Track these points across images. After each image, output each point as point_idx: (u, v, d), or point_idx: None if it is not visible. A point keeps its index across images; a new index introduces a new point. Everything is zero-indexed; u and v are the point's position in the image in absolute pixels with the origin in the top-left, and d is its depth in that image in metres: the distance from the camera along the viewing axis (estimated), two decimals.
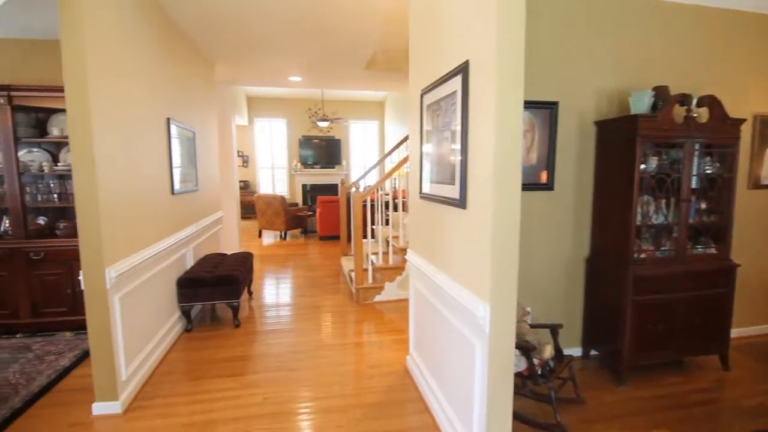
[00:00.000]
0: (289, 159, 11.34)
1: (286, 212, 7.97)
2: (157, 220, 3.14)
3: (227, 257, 4.35)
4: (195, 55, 4.40)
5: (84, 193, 2.28)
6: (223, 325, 3.76)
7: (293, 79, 6.12)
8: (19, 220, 3.48)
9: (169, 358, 3.11)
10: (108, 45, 2.43)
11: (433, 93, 2.23)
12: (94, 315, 2.37)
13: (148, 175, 3.02)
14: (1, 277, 3.47)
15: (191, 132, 4.15)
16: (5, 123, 3.37)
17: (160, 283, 3.19)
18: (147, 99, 3.02)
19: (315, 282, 5.18)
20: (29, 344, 3.31)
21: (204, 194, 4.61)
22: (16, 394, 2.59)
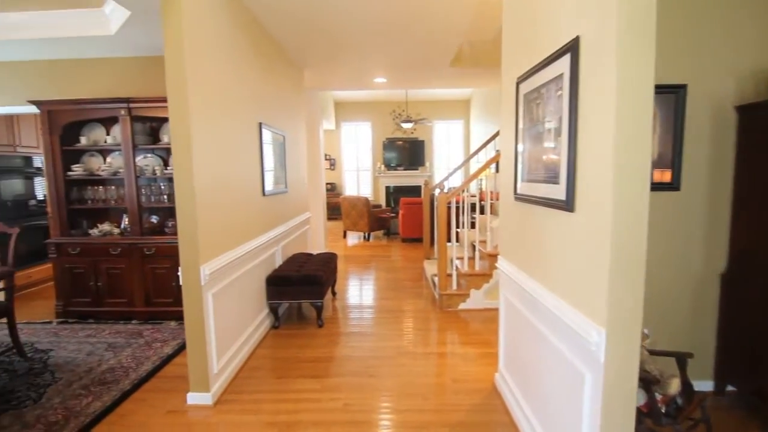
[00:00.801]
0: (373, 161, 11.48)
1: (369, 214, 8.03)
2: (248, 220, 3.27)
3: (313, 257, 4.43)
4: (286, 63, 4.57)
5: (183, 195, 2.41)
6: (308, 324, 3.82)
7: (378, 80, 6.12)
8: (136, 218, 3.88)
9: (257, 354, 3.22)
10: (205, 57, 2.56)
11: (532, 80, 1.97)
12: (190, 310, 2.50)
13: (241, 177, 3.15)
14: (121, 269, 3.90)
15: (281, 136, 4.31)
16: (126, 132, 3.78)
17: (250, 281, 3.32)
18: (241, 105, 3.15)
19: (397, 285, 5.08)
20: (141, 331, 3.67)
21: (293, 196, 4.76)
22: (127, 377, 2.85)
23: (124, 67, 4.07)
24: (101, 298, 3.93)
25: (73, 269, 3.92)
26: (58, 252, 3.90)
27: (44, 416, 2.38)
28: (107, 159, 4.14)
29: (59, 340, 3.50)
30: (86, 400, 2.56)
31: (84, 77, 4.10)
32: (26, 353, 3.20)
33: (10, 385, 2.74)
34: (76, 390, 2.67)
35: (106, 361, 3.08)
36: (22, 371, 2.94)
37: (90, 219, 4.18)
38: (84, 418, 2.36)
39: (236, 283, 3.01)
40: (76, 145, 3.96)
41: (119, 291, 3.92)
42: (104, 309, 3.94)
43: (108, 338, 3.52)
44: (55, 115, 3.82)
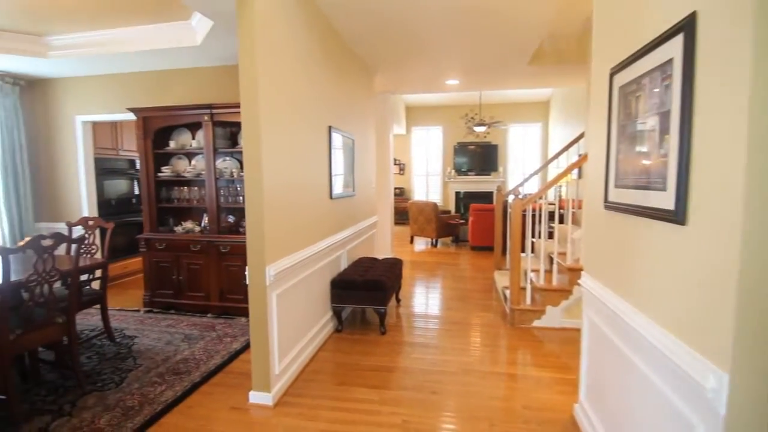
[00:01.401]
0: (444, 166, 11.24)
1: (437, 219, 7.83)
2: (315, 222, 3.28)
3: (378, 262, 4.36)
4: (357, 67, 4.58)
5: (252, 197, 2.45)
6: (371, 330, 3.74)
7: (451, 82, 5.93)
8: (214, 217, 4.10)
9: (319, 357, 3.20)
10: (277, 62, 2.59)
11: (630, 70, 1.69)
12: (254, 309, 2.53)
13: (310, 180, 3.16)
14: (200, 265, 4.13)
15: (351, 140, 4.31)
16: (208, 136, 4.02)
17: (315, 282, 3.32)
18: (311, 108, 3.17)
19: (464, 295, 4.83)
20: (214, 324, 3.84)
21: (360, 199, 4.75)
22: (197, 369, 2.97)
23: (208, 75, 4.34)
24: (182, 291, 4.21)
25: (159, 263, 4.24)
26: (147, 246, 4.25)
27: (123, 400, 2.54)
28: (192, 161, 4.45)
29: (144, 328, 3.78)
30: (160, 388, 2.70)
31: (173, 86, 4.45)
32: (115, 338, 3.49)
33: (98, 367, 2.99)
34: (153, 377, 2.84)
35: (181, 352, 3.25)
36: (110, 355, 3.21)
37: (175, 217, 4.52)
38: (156, 406, 2.48)
39: (301, 285, 3.01)
40: (166, 149, 4.30)
41: (197, 285, 4.16)
42: (184, 301, 4.20)
43: (185, 329, 3.73)
44: (149, 121, 4.18)
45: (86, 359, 3.12)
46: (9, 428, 2.25)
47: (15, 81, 4.53)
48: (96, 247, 3.51)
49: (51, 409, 2.44)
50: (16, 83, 4.54)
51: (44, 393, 2.63)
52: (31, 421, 2.32)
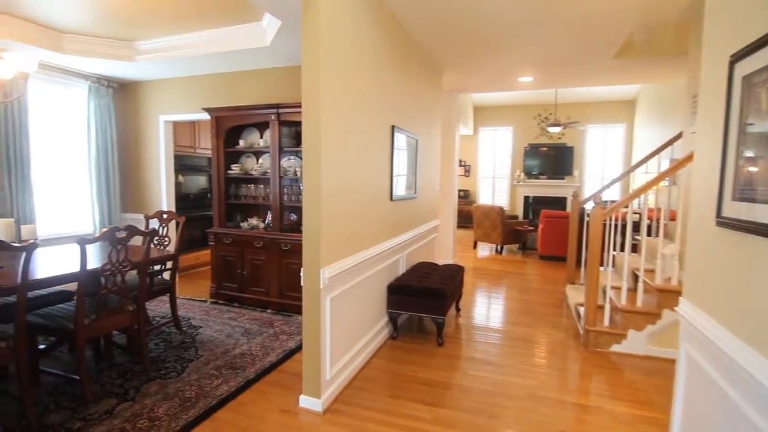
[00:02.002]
0: (512, 169, 10.69)
1: (503, 225, 7.42)
2: (374, 225, 3.17)
3: (438, 268, 4.17)
4: (424, 65, 4.41)
5: (310, 197, 2.40)
6: (428, 340, 3.56)
7: (524, 80, 5.55)
8: (277, 215, 4.16)
9: (372, 364, 3.09)
10: (342, 61, 2.51)
11: (762, 54, 1.35)
12: (308, 312, 2.47)
13: (370, 180, 3.06)
14: (262, 261, 4.22)
15: (414, 140, 4.15)
16: (274, 135, 4.08)
17: (371, 287, 3.21)
18: (374, 107, 3.07)
19: (531, 309, 4.47)
20: (273, 321, 3.89)
21: (422, 202, 4.58)
22: (252, 365, 2.99)
23: (277, 76, 4.43)
24: (245, 285, 4.33)
25: (226, 257, 4.40)
26: (215, 240, 4.43)
27: (182, 390, 2.62)
28: (259, 160, 4.56)
29: (208, 318, 3.93)
30: (216, 381, 2.74)
31: (245, 87, 4.60)
32: (182, 327, 3.65)
33: (164, 354, 3.13)
34: (211, 370, 2.90)
35: (240, 346, 3.31)
36: (176, 343, 3.35)
37: (242, 213, 4.67)
38: (211, 400, 2.51)
39: (357, 289, 2.92)
40: (236, 147, 4.45)
41: (259, 281, 4.26)
42: (246, 295, 4.32)
43: (245, 323, 3.82)
44: (221, 120, 4.35)
45: (154, 345, 3.29)
46: (81, 407, 2.40)
47: (109, 83, 4.96)
48: (168, 240, 3.71)
49: (118, 393, 2.57)
50: (110, 86, 4.97)
51: (114, 375, 2.79)
52: (99, 402, 2.46)
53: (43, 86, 4.43)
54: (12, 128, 4.04)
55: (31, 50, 3.88)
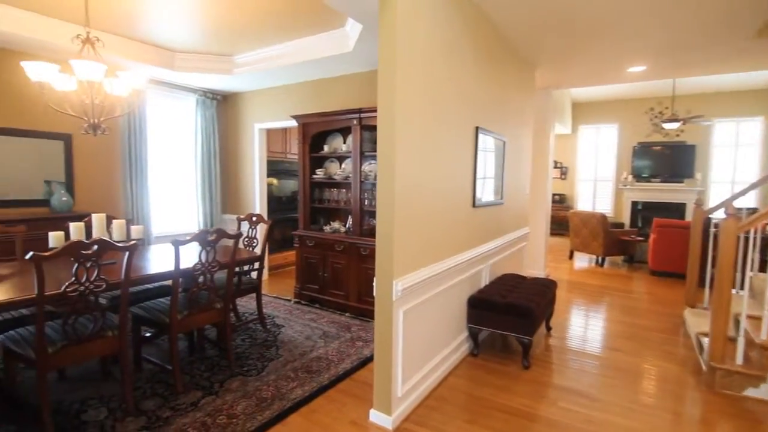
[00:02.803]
0: (618, 170, 9.58)
1: (606, 234, 6.64)
2: (453, 233, 2.98)
3: (525, 282, 3.81)
4: (514, 60, 4.08)
5: (383, 204, 2.30)
6: (512, 360, 3.25)
7: (634, 70, 4.87)
8: (358, 219, 4.16)
9: (448, 382, 2.89)
10: (419, 61, 2.37)
11: None
12: (380, 325, 2.37)
13: (449, 186, 2.88)
14: (342, 265, 4.25)
15: (501, 141, 3.86)
16: (356, 140, 4.09)
17: (449, 299, 3.02)
18: (456, 108, 2.88)
19: (638, 334, 3.87)
20: (350, 325, 3.89)
21: (509, 208, 4.24)
22: (327, 370, 2.98)
23: (360, 81, 4.44)
24: (326, 288, 4.41)
25: (309, 258, 4.52)
26: (300, 242, 4.58)
27: (260, 389, 2.69)
28: (342, 165, 4.62)
29: (291, 318, 4.06)
30: (292, 384, 2.78)
31: (329, 93, 4.69)
32: (266, 325, 3.82)
33: (248, 351, 3.27)
34: (288, 371, 2.95)
35: (317, 349, 3.34)
36: (260, 341, 3.50)
37: (325, 216, 4.77)
38: (285, 403, 2.54)
39: (433, 301, 2.75)
40: (320, 152, 4.56)
41: (339, 284, 4.30)
42: (327, 297, 4.40)
43: (324, 326, 3.86)
44: (307, 126, 4.49)
45: (241, 341, 3.46)
46: (172, 396, 2.58)
47: (213, 96, 5.44)
48: (256, 241, 3.90)
49: (204, 386, 2.72)
50: (214, 98, 5.45)
51: (203, 368, 2.98)
52: (188, 393, 2.63)
53: (158, 99, 4.99)
54: (134, 138, 4.62)
55: (148, 69, 4.38)
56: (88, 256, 2.13)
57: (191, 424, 2.31)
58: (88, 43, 2.69)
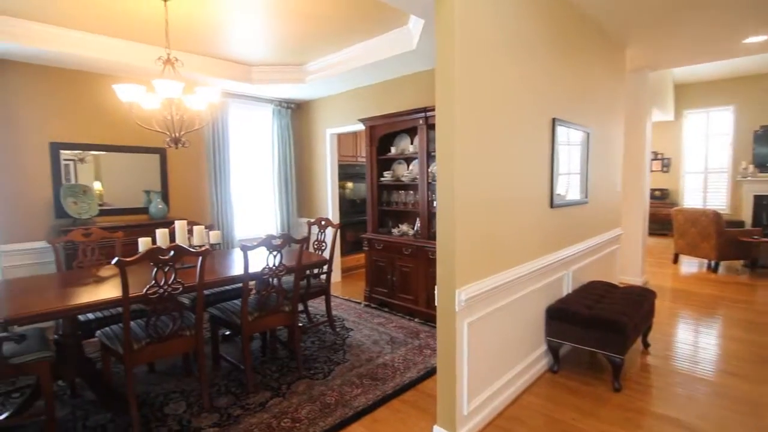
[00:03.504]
0: (734, 160, 8.22)
1: (719, 234, 5.70)
2: (526, 237, 2.72)
3: (616, 291, 3.37)
4: (598, 40, 3.64)
5: (443, 208, 2.15)
6: (599, 380, 2.88)
7: (752, 41, 4.09)
8: (425, 222, 4.03)
9: (523, 401, 2.64)
10: (481, 51, 2.18)
11: None
12: (442, 338, 2.22)
13: (521, 185, 2.63)
14: (410, 269, 4.15)
15: (584, 133, 3.46)
16: (422, 140, 3.96)
17: (525, 308, 2.76)
18: (526, 99, 2.62)
19: (764, 355, 3.22)
20: (419, 331, 3.76)
21: (595, 207, 3.80)
22: (392, 378, 2.89)
23: (423, 80, 4.31)
24: (394, 292, 4.34)
25: (377, 262, 4.49)
26: (369, 246, 4.57)
27: (324, 394, 2.69)
28: (410, 166, 4.52)
29: (360, 321, 4.05)
30: (356, 391, 2.73)
31: (396, 94, 4.63)
32: (335, 327, 3.85)
33: (316, 354, 3.31)
34: (353, 377, 2.92)
35: (384, 355, 3.28)
36: (328, 343, 3.53)
37: (393, 219, 4.71)
38: (347, 411, 2.50)
39: (504, 311, 2.53)
40: (387, 155, 4.51)
41: (407, 288, 4.20)
42: (395, 302, 4.32)
43: (392, 331, 3.79)
44: (374, 129, 4.46)
45: (310, 343, 3.52)
46: (243, 395, 2.69)
47: (288, 105, 5.68)
48: (326, 245, 3.95)
49: (273, 387, 2.79)
50: (289, 107, 5.68)
51: (274, 369, 3.06)
52: (258, 393, 2.71)
53: (238, 111, 5.33)
54: (218, 148, 4.98)
55: (228, 84, 4.69)
56: (165, 260, 2.28)
57: (257, 425, 2.36)
58: (168, 64, 2.92)
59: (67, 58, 3.69)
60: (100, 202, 4.31)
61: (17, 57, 3.66)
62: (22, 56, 3.65)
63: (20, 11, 3.15)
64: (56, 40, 3.46)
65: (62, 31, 3.46)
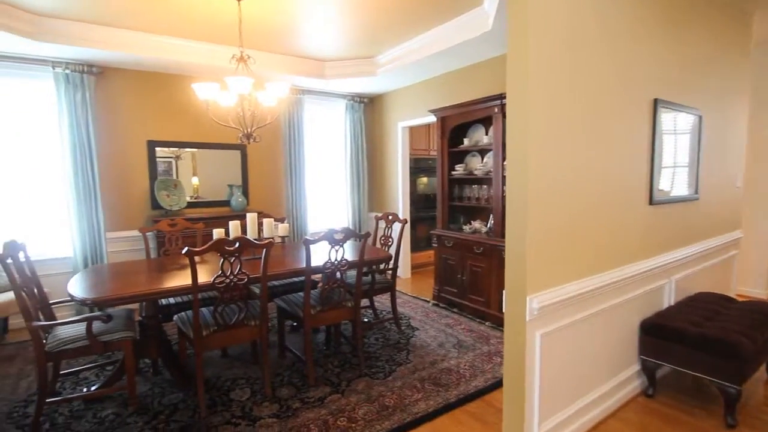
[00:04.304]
0: None
1: None
2: (617, 238, 2.35)
3: (734, 306, 2.81)
4: (714, 7, 3.05)
5: (514, 202, 1.91)
6: (707, 411, 2.41)
7: None
8: (499, 219, 3.73)
9: (608, 427, 2.29)
10: (560, 30, 1.89)
11: None
12: (510, 349, 1.99)
13: (611, 178, 2.27)
14: (481, 268, 3.88)
15: (695, 117, 2.93)
16: (497, 130, 3.66)
17: (612, 321, 2.39)
18: (619, 80, 2.25)
19: None
20: (489, 336, 3.50)
21: (707, 205, 3.22)
22: (457, 386, 2.70)
23: (499, 65, 3.99)
24: (464, 292, 4.10)
25: (447, 260, 4.28)
26: (438, 242, 4.38)
27: (383, 395, 2.59)
28: (484, 158, 4.23)
29: (426, 321, 3.90)
30: (416, 395, 2.59)
31: (469, 82, 4.35)
32: (401, 326, 3.73)
33: (379, 352, 3.23)
34: (415, 380, 2.78)
35: (449, 359, 3.09)
36: (392, 342, 3.42)
37: (465, 215, 4.46)
38: (405, 416, 2.37)
39: (586, 323, 2.20)
40: (459, 147, 4.26)
41: (478, 289, 3.94)
42: (465, 303, 4.09)
43: (460, 333, 3.58)
44: (446, 120, 4.24)
45: (374, 340, 3.45)
46: (304, 388, 2.69)
47: (361, 99, 5.66)
48: (392, 240, 3.85)
49: (333, 382, 2.76)
50: (361, 101, 5.67)
51: (336, 363, 3.04)
52: (318, 387, 2.70)
53: (312, 107, 5.43)
54: (293, 143, 5.13)
55: (302, 80, 4.78)
56: (231, 251, 2.34)
57: (314, 420, 2.34)
58: (241, 61, 3.01)
59: (156, 62, 4.01)
60: (196, 195, 4.70)
61: (118, 64, 4.07)
62: (122, 63, 4.04)
63: (115, 21, 3.47)
64: (147, 46, 3.77)
65: (152, 37, 3.76)
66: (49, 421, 2.34)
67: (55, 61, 3.77)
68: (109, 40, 3.60)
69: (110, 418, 2.37)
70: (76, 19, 3.41)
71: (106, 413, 2.42)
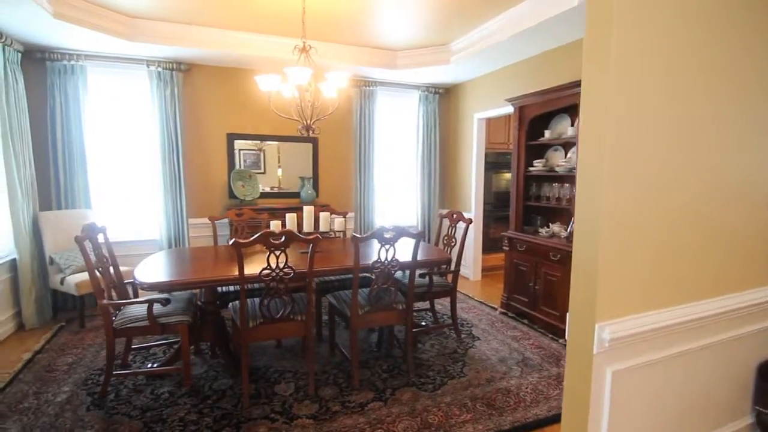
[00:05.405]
0: None
1: None
2: (723, 255, 1.85)
3: None
4: None
5: (584, 205, 1.57)
6: None
7: None
8: None
9: None
10: None
11: None
12: (571, 383, 1.66)
13: (722, 176, 1.78)
14: (557, 278, 3.45)
15: None
16: None
17: (715, 362, 1.90)
18: (734, 47, 1.74)
19: None
20: (560, 357, 3.09)
21: None
22: (513, 412, 2.39)
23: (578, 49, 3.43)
24: (536, 302, 3.69)
25: (519, 265, 3.89)
26: (509, 245, 3.99)
27: (428, 411, 2.38)
28: (568, 153, 3.74)
29: (490, 331, 3.57)
30: (465, 416, 2.35)
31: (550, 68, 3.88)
32: (461, 333, 3.47)
33: (431, 360, 3.01)
34: (465, 398, 2.53)
35: (508, 379, 2.77)
36: (449, 350, 3.18)
37: (543, 217, 4.01)
38: None
39: (677, 362, 1.77)
40: (540, 140, 3.82)
41: (552, 301, 3.51)
42: (537, 314, 3.67)
43: (527, 350, 3.21)
44: (524, 110, 3.82)
45: (429, 347, 3.24)
46: (347, 390, 2.59)
47: (435, 90, 5.39)
48: (455, 240, 3.58)
49: (378, 388, 2.62)
50: (436, 92, 5.40)
51: (384, 367, 2.90)
52: (361, 391, 2.58)
53: (385, 99, 5.30)
54: (364, 136, 5.06)
55: (374, 71, 4.66)
56: (276, 245, 2.30)
57: (350, 428, 2.22)
58: (303, 52, 2.96)
59: (230, 56, 4.16)
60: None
61: (200, 60, 4.32)
62: (203, 59, 4.29)
63: (194, 19, 3.65)
64: (223, 41, 3.92)
65: (226, 33, 3.91)
66: (115, 392, 2.54)
67: (149, 59, 4.12)
68: (191, 38, 3.82)
69: (165, 396, 2.50)
70: (163, 19, 3.66)
71: (162, 390, 2.56)
